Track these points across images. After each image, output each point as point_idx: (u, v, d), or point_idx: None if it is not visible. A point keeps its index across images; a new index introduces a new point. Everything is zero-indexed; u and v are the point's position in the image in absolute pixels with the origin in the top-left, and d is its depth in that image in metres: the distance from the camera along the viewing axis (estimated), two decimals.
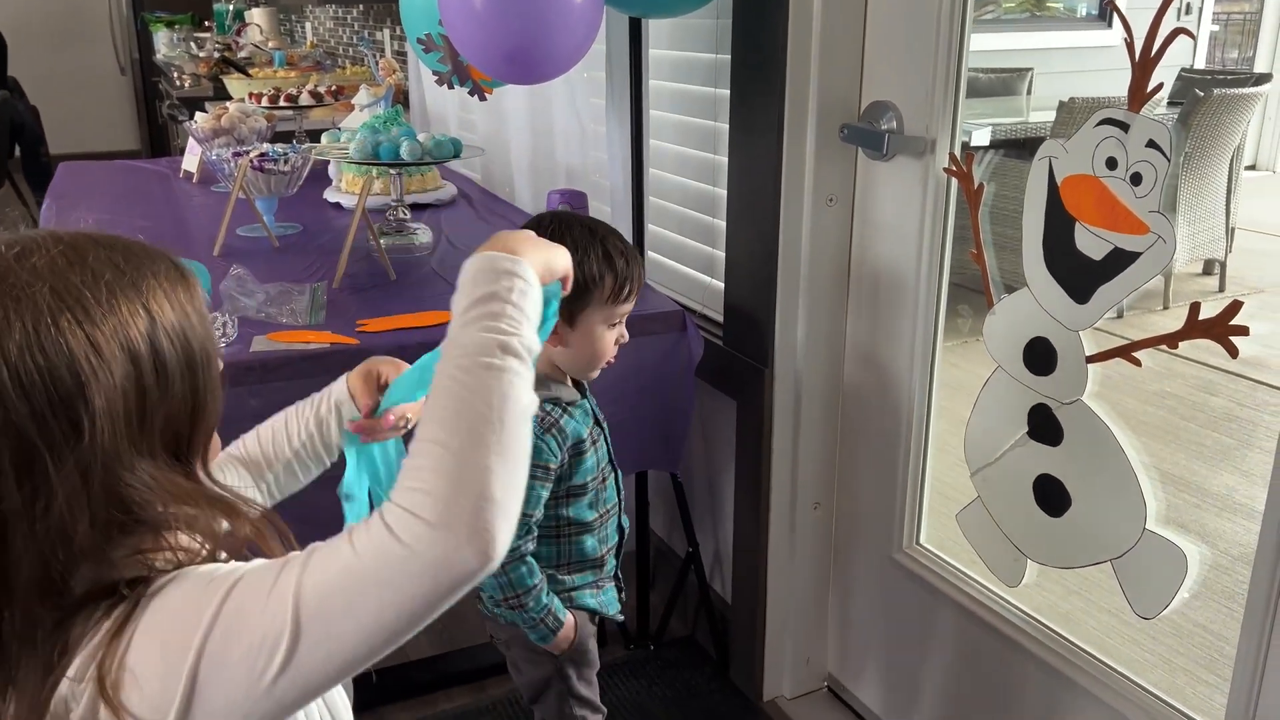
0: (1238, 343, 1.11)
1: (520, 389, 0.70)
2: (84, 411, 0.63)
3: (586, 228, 1.30)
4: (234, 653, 0.61)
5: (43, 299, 0.64)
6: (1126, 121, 1.17)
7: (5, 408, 0.62)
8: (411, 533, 0.62)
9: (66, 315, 0.64)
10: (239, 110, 2.71)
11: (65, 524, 0.64)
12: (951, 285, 1.56)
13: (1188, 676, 1.81)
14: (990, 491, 1.46)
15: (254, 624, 0.61)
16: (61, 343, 0.63)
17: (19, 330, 0.63)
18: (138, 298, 0.68)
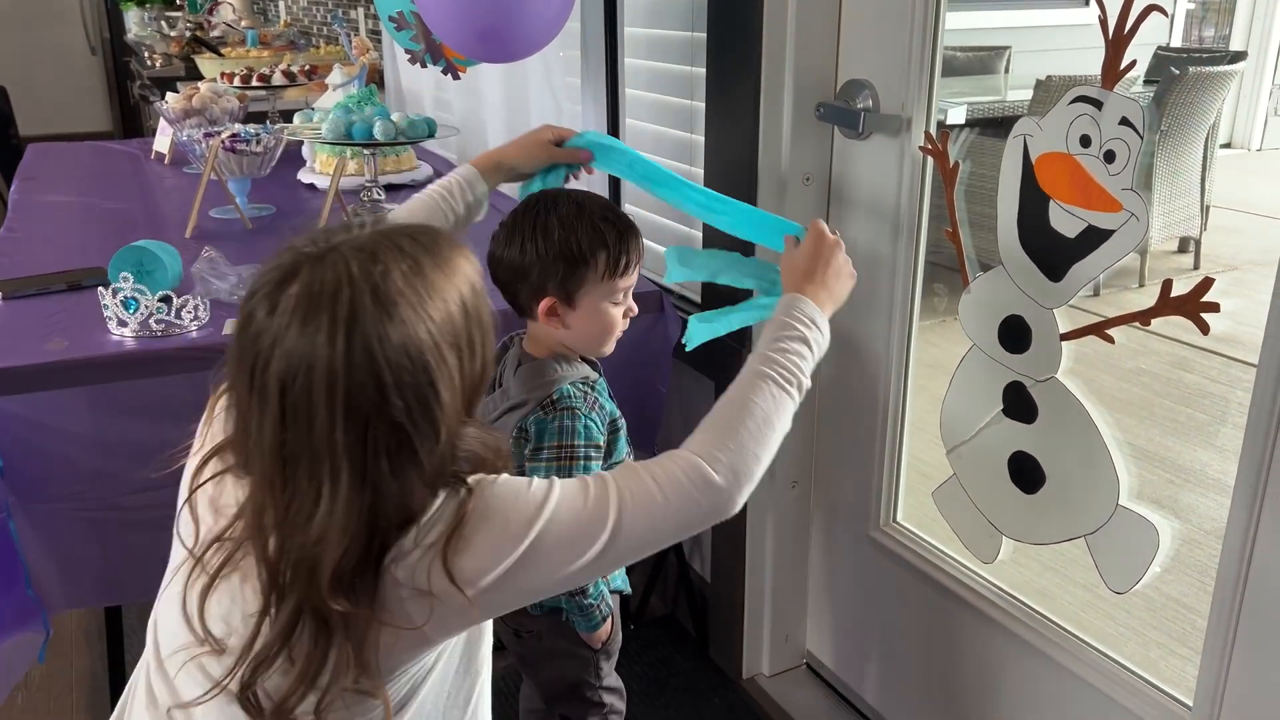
0: (1212, 319, 1.11)
1: (790, 416, 0.99)
2: (437, 403, 0.78)
3: (574, 203, 1.25)
4: (554, 547, 0.83)
5: (407, 312, 0.76)
6: (1100, 99, 1.17)
7: (386, 406, 0.75)
8: (709, 496, 0.89)
9: (422, 323, 0.77)
10: (210, 90, 2.68)
11: (427, 479, 0.80)
12: (928, 264, 1.56)
13: (1161, 650, 1.84)
14: (966, 469, 1.46)
15: (576, 532, 0.84)
16: (420, 347, 0.76)
17: (392, 344, 0.75)
18: (454, 286, 0.80)
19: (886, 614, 1.72)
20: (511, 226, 1.24)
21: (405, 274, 0.77)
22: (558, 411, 1.24)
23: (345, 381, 0.74)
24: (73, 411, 1.44)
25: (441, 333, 0.78)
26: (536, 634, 1.38)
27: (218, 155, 2.10)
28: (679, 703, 1.86)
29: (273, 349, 0.75)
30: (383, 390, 0.75)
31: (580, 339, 1.28)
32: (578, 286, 1.23)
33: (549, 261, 1.21)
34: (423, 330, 0.76)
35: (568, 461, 1.24)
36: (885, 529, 1.68)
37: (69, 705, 1.90)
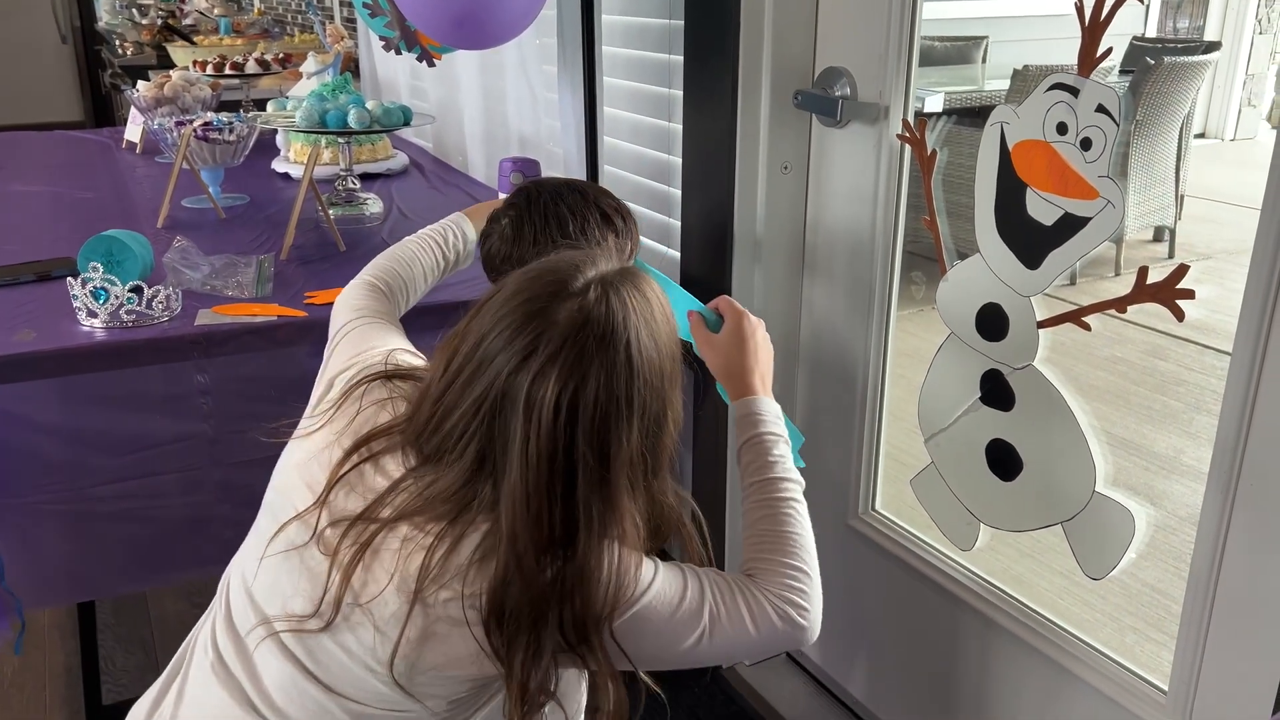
0: (1187, 307, 1.12)
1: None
2: (664, 429, 0.86)
3: (577, 191, 1.23)
4: (646, 631, 0.90)
5: (663, 365, 0.85)
6: (1076, 86, 1.17)
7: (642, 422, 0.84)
8: (798, 635, 1.00)
9: (656, 350, 0.84)
10: (182, 78, 2.64)
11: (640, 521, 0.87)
12: (906, 253, 1.56)
13: (1136, 635, 1.85)
14: (943, 457, 1.47)
15: (660, 627, 0.90)
16: (659, 377, 0.85)
17: (652, 396, 0.85)
18: (673, 334, 0.88)
19: (866, 602, 1.72)
20: (518, 221, 1.20)
21: (660, 309, 0.86)
22: None
23: (640, 398, 0.82)
24: (42, 403, 1.42)
25: (672, 365, 0.87)
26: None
27: (190, 144, 2.07)
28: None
29: (550, 374, 0.80)
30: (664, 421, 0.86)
31: None
32: None
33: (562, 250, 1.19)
34: (667, 362, 0.86)
35: None
36: (864, 517, 1.69)
37: (43, 701, 1.88)
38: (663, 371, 0.84)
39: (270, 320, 1.51)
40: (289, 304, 1.57)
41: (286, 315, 1.53)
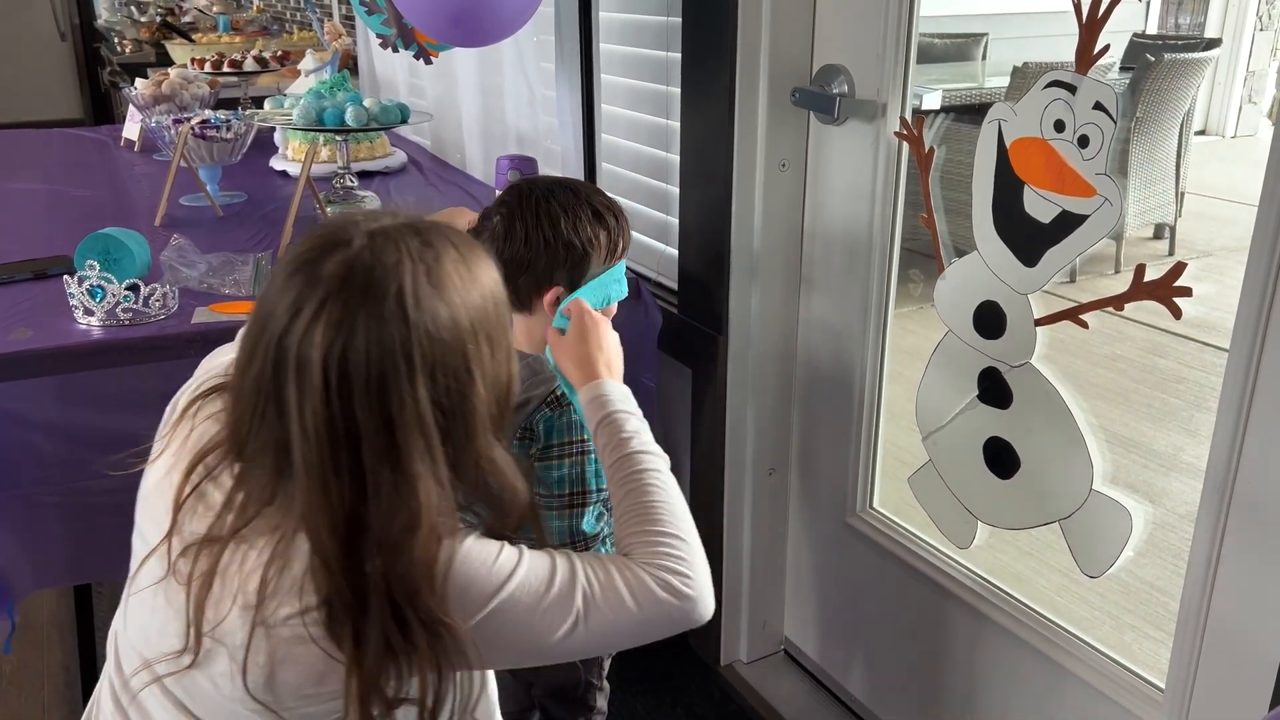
0: (1186, 305, 1.11)
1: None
2: (469, 387, 0.78)
3: (569, 189, 1.21)
4: (503, 629, 0.82)
5: (461, 317, 0.77)
6: (1074, 83, 1.16)
7: (471, 391, 0.77)
8: (680, 606, 0.88)
9: (442, 300, 0.76)
10: (180, 76, 2.64)
11: (458, 480, 0.78)
12: (904, 251, 1.56)
13: (1135, 633, 1.85)
14: (941, 455, 1.46)
15: (531, 618, 0.82)
16: (452, 332, 0.76)
17: (444, 345, 0.76)
18: (497, 298, 0.82)
19: (863, 600, 1.72)
20: (509, 218, 1.18)
21: (454, 259, 0.78)
22: (564, 407, 1.22)
23: (421, 351, 0.74)
24: (39, 401, 1.42)
25: (477, 321, 0.78)
26: None
27: (187, 142, 2.07)
28: (657, 690, 1.86)
29: (316, 330, 0.73)
30: (468, 377, 0.77)
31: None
32: (583, 273, 1.19)
33: (556, 250, 1.17)
34: (463, 315, 0.77)
35: (580, 455, 1.22)
36: (862, 515, 1.69)
37: (41, 699, 1.88)
38: (457, 324, 0.77)
39: None
40: None
41: None
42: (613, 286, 1.22)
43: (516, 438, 1.23)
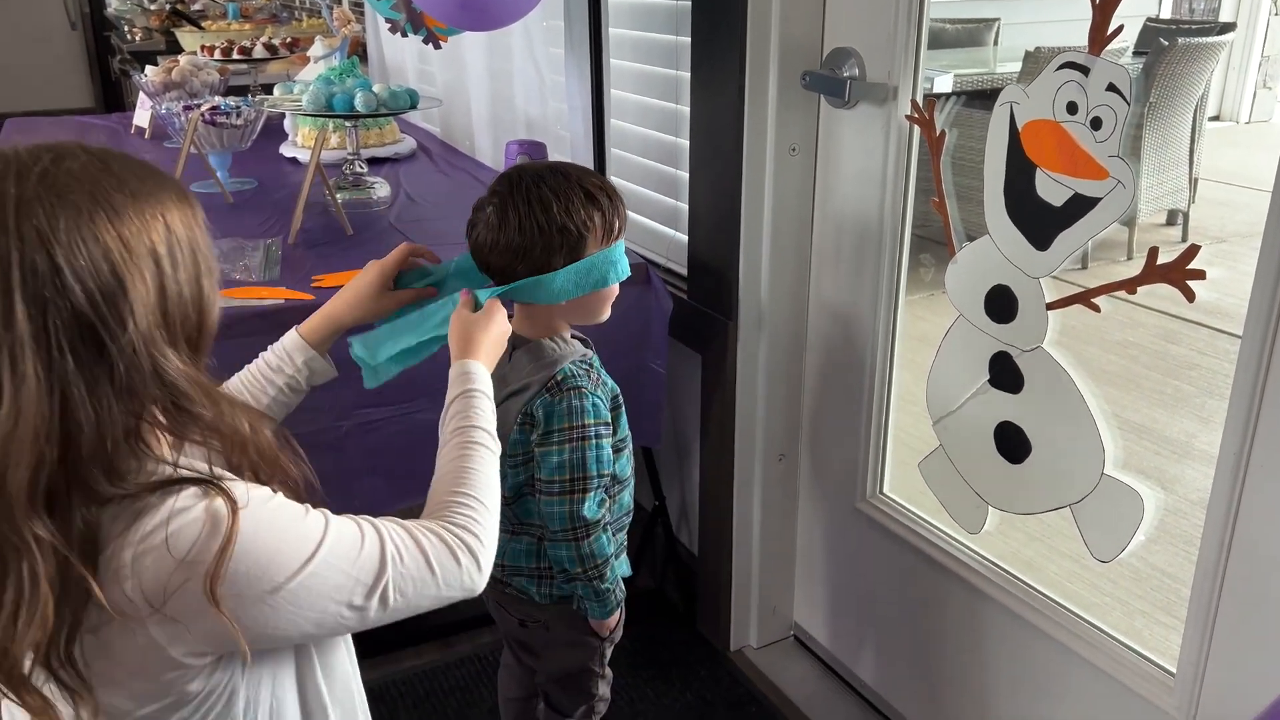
0: (1200, 290, 1.11)
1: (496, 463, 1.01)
2: (124, 299, 0.72)
3: (559, 173, 1.20)
4: (324, 590, 0.79)
5: (82, 200, 0.72)
6: (1087, 65, 1.15)
7: (64, 291, 0.70)
8: (474, 579, 0.89)
9: (102, 215, 0.72)
10: (190, 63, 2.64)
11: (121, 402, 0.73)
12: (915, 237, 1.55)
13: (1145, 619, 1.85)
14: (952, 440, 1.46)
15: (342, 580, 0.80)
16: (101, 238, 0.72)
17: (63, 227, 0.71)
18: (157, 206, 0.76)
19: (873, 585, 1.72)
20: (501, 207, 1.18)
21: (85, 165, 0.74)
22: (564, 392, 1.21)
23: (18, 258, 0.69)
24: None
25: (134, 234, 0.73)
26: (544, 623, 1.36)
27: (197, 128, 2.07)
28: (666, 675, 1.87)
29: None
30: (58, 273, 0.70)
31: (580, 309, 1.25)
32: (579, 256, 1.19)
33: (551, 235, 1.17)
34: (102, 220, 0.72)
35: (580, 441, 1.22)
36: (872, 500, 1.68)
37: None
38: (96, 235, 0.72)
39: (278, 304, 1.51)
40: (296, 287, 1.58)
41: (294, 299, 1.53)
42: (610, 268, 1.22)
43: (516, 423, 1.23)
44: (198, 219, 0.80)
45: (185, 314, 0.77)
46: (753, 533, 1.85)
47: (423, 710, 1.78)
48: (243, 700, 0.82)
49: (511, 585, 1.34)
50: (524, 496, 1.28)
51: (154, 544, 0.73)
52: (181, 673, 0.77)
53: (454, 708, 1.79)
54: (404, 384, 1.21)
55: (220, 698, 0.81)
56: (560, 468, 1.22)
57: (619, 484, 1.32)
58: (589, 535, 1.24)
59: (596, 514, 1.24)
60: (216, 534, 0.74)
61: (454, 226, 1.90)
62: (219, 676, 0.80)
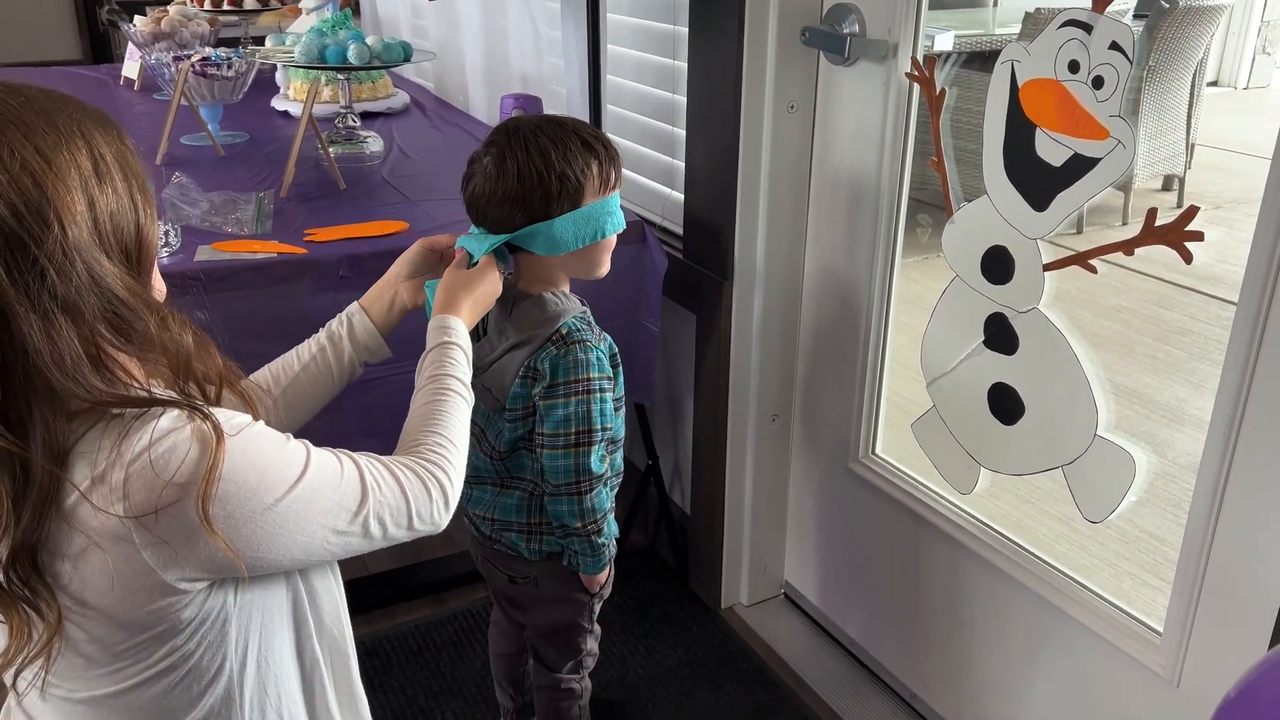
0: (1195, 255, 1.10)
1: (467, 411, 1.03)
2: (49, 208, 0.72)
3: (555, 123, 1.20)
4: (311, 514, 0.81)
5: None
6: (1089, 23, 1.14)
7: (7, 218, 0.70)
8: (442, 516, 0.92)
9: (15, 131, 0.72)
10: (179, 13, 2.60)
11: (66, 314, 0.72)
12: (911, 200, 1.54)
13: (1133, 580, 1.87)
14: (945, 401, 1.46)
15: (328, 504, 0.82)
16: (17, 153, 0.72)
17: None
18: (73, 123, 0.75)
19: (864, 545, 1.73)
20: (499, 157, 1.18)
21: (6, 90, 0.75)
22: (569, 345, 1.21)
23: None
24: None
25: (50, 146, 0.73)
26: (533, 579, 1.36)
27: (187, 79, 2.04)
28: (658, 631, 1.88)
29: None
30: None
31: (579, 262, 1.24)
32: (578, 205, 1.19)
33: (550, 181, 1.16)
34: (16, 135, 0.72)
35: (585, 394, 1.22)
36: (864, 461, 1.69)
37: None
38: (21, 160, 0.72)
39: (270, 257, 1.50)
40: (289, 241, 1.56)
41: (286, 252, 1.52)
42: (607, 219, 1.22)
43: (519, 376, 1.23)
44: (125, 140, 0.80)
45: (119, 227, 0.77)
46: (745, 492, 1.86)
47: (416, 665, 1.80)
48: (235, 629, 0.83)
49: (501, 541, 1.34)
50: (519, 450, 1.28)
51: (142, 465, 0.73)
52: (174, 599, 0.77)
53: (446, 662, 1.80)
54: (397, 342, 1.21)
55: (213, 626, 0.81)
56: (566, 420, 1.22)
57: (613, 444, 1.32)
58: (592, 489, 1.25)
59: (600, 468, 1.25)
60: (205, 455, 0.75)
61: (447, 181, 1.88)
62: (212, 603, 0.80)
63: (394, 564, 2.01)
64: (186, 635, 0.80)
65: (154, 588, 0.76)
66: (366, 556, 0.84)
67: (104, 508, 0.73)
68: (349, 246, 1.56)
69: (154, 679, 0.81)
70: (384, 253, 1.55)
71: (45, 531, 0.74)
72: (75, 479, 0.74)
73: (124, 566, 0.75)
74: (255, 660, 0.85)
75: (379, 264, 1.54)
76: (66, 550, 0.75)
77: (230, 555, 0.76)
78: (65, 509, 0.74)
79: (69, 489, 0.74)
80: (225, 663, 0.83)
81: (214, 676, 0.83)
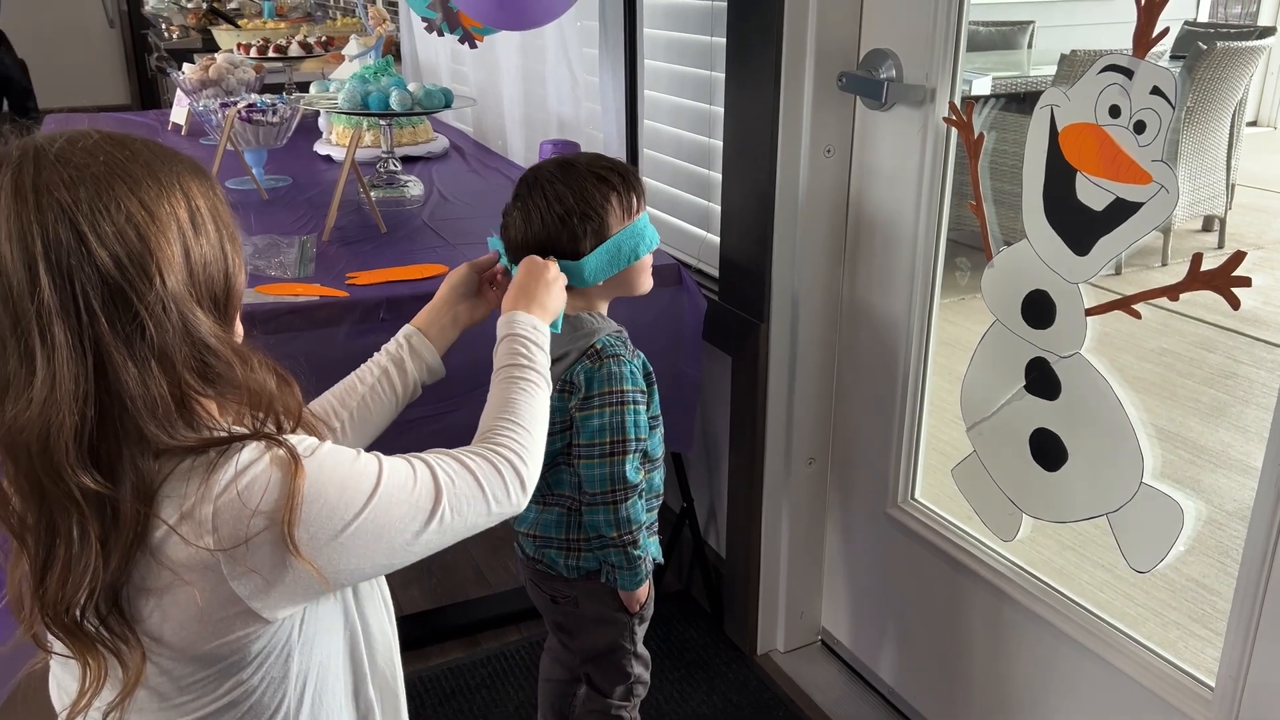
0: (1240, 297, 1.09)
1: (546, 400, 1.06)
2: (151, 261, 0.74)
3: (567, 165, 1.28)
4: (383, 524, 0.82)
5: (99, 172, 0.75)
6: (1130, 68, 1.14)
7: (90, 258, 0.72)
8: (518, 499, 0.94)
9: (121, 184, 0.75)
10: (226, 61, 2.66)
11: (160, 363, 0.75)
12: (949, 242, 1.54)
13: (1180, 630, 1.82)
14: (986, 446, 1.45)
15: (405, 510, 0.84)
16: (123, 205, 0.74)
17: (84, 198, 0.73)
18: (172, 174, 0.78)
19: (903, 591, 1.71)
20: (524, 208, 1.27)
21: (99, 143, 0.76)
22: (604, 359, 1.27)
23: (40, 232, 0.72)
24: None
25: (153, 199, 0.76)
26: (573, 599, 1.38)
27: (233, 125, 2.09)
28: (692, 677, 1.86)
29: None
30: (83, 240, 0.72)
31: (620, 284, 1.31)
32: (605, 235, 1.26)
33: (573, 223, 1.25)
34: (122, 188, 0.75)
35: (619, 405, 1.26)
36: (903, 506, 1.67)
37: None
38: (127, 213, 0.74)
39: (312, 300, 1.52)
40: (331, 284, 1.58)
41: (328, 295, 1.54)
42: (639, 241, 1.29)
43: (557, 389, 1.26)
44: (216, 190, 0.82)
45: (211, 277, 0.79)
46: (781, 536, 1.84)
47: (449, 708, 1.78)
48: (297, 664, 0.85)
49: (542, 560, 1.37)
50: (558, 465, 1.31)
51: (230, 498, 0.76)
52: (252, 629, 0.79)
53: (480, 705, 1.79)
54: (437, 384, 1.22)
55: (278, 660, 0.83)
56: (601, 430, 1.26)
57: (651, 463, 1.35)
58: (627, 498, 1.27)
59: (636, 477, 1.28)
60: (286, 480, 0.77)
61: (485, 225, 1.90)
62: (279, 635, 0.82)
63: (426, 605, 2.01)
64: (253, 669, 0.82)
65: (235, 618, 0.78)
66: (399, 596, 0.84)
67: (193, 541, 0.75)
68: (390, 289, 1.57)
69: (216, 714, 0.82)
70: (424, 295, 1.56)
71: (130, 570, 0.76)
72: (164, 515, 0.76)
73: (210, 598, 0.76)
74: (310, 700, 0.87)
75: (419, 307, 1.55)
76: (150, 585, 0.76)
77: (316, 575, 0.78)
78: (152, 544, 0.76)
79: (156, 525, 0.76)
80: (284, 701, 0.85)
81: (272, 714, 0.84)
